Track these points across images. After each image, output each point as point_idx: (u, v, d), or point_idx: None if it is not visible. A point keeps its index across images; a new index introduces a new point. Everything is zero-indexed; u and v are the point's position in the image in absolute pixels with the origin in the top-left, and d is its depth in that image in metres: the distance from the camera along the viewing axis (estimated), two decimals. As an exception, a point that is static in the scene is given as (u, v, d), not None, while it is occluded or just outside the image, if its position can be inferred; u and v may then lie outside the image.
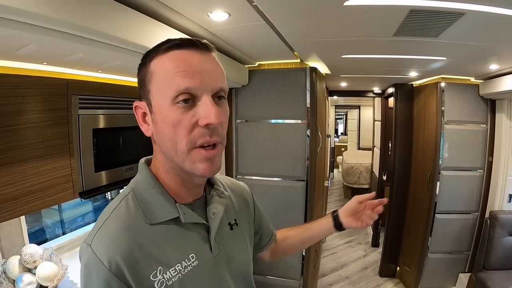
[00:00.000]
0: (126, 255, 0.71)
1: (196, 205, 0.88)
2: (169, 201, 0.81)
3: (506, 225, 3.00)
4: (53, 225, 2.57)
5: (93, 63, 1.59)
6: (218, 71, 0.78)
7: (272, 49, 2.22)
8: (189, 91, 0.72)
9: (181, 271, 0.78)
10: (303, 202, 2.68)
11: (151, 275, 0.73)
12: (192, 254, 0.81)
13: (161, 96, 0.74)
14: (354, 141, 11.54)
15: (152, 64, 0.76)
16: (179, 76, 0.72)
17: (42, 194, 1.52)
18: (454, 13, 1.38)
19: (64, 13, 0.98)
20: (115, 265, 0.70)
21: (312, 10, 1.44)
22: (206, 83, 0.73)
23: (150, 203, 0.80)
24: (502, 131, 3.11)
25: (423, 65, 2.71)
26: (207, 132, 0.74)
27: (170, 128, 0.73)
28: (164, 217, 0.80)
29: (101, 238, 0.74)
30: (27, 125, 1.44)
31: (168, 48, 0.75)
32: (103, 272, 0.69)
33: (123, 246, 0.72)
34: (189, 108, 0.73)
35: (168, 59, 0.74)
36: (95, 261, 0.70)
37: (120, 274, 0.70)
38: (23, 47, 1.18)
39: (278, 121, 2.69)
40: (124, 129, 1.99)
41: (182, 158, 0.75)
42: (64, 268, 1.95)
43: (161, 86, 0.74)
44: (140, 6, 1.29)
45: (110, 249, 0.71)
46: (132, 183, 0.86)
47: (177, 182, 0.84)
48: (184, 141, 0.73)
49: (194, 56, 0.74)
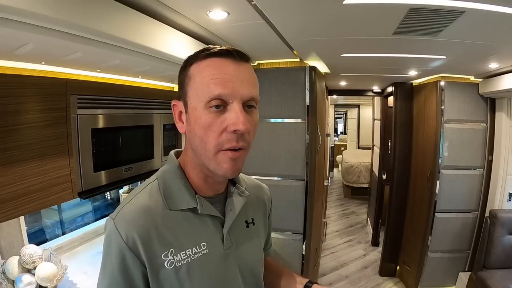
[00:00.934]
0: (142, 232, 0.80)
1: (215, 200, 0.94)
2: (190, 192, 0.88)
3: (506, 224, 2.99)
4: (53, 225, 2.57)
5: (91, 63, 1.59)
6: (251, 81, 0.82)
7: (272, 48, 2.22)
8: (221, 97, 0.77)
9: (191, 256, 0.85)
10: (303, 202, 2.67)
11: (163, 255, 0.81)
12: (203, 242, 0.88)
13: (196, 99, 0.80)
14: (354, 140, 11.53)
15: (191, 68, 0.82)
16: (213, 83, 0.77)
17: (41, 194, 1.53)
18: (454, 11, 1.37)
19: (61, 12, 0.98)
20: (132, 239, 0.79)
21: (311, 8, 1.43)
22: (237, 91, 0.78)
23: (173, 191, 0.88)
24: (502, 129, 3.10)
25: (422, 63, 2.70)
26: (234, 137, 0.79)
27: (201, 129, 0.79)
28: (183, 206, 0.87)
29: (124, 214, 0.83)
30: (26, 125, 1.44)
31: (207, 56, 0.80)
32: (120, 243, 0.79)
33: (141, 224, 0.81)
34: (220, 113, 0.78)
35: (205, 66, 0.79)
36: (115, 233, 0.80)
37: (134, 248, 0.79)
38: (21, 47, 1.18)
39: (277, 120, 2.68)
40: (123, 128, 1.99)
41: (208, 157, 0.81)
42: (63, 269, 1.95)
43: (197, 90, 0.79)
44: (139, 5, 1.29)
45: (129, 225, 0.80)
46: (159, 172, 0.94)
47: (200, 177, 0.90)
48: (213, 143, 0.79)
49: (230, 65, 0.79)
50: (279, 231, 2.75)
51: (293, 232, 2.73)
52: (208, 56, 0.80)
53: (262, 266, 1.07)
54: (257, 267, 1.04)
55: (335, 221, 6.43)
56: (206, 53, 0.80)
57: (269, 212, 1.19)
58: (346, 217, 6.67)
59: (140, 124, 2.15)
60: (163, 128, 2.41)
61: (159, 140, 2.35)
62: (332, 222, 6.30)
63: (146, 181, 0.93)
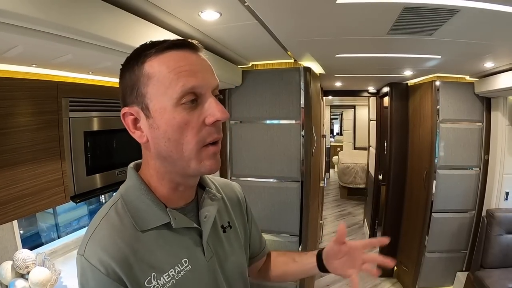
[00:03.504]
0: (120, 261, 0.71)
1: (187, 209, 0.87)
2: (159, 206, 0.80)
3: (503, 223, 2.99)
4: (48, 228, 2.55)
5: (82, 65, 1.57)
6: (212, 69, 0.78)
7: (265, 49, 2.21)
8: (195, 90, 0.71)
9: (175, 276, 0.77)
10: (299, 203, 2.66)
11: (146, 281, 0.73)
12: (185, 258, 0.81)
13: (162, 98, 0.72)
14: (350, 141, 11.53)
15: (146, 66, 0.73)
16: (183, 76, 0.71)
17: (33, 199, 1.51)
18: (449, 10, 1.37)
19: (50, 14, 0.96)
20: (112, 270, 0.70)
21: (304, 8, 1.42)
22: (207, 81, 0.74)
23: (141, 209, 0.79)
24: (498, 129, 3.11)
25: (418, 63, 2.70)
26: (213, 129, 0.75)
27: (176, 131, 0.72)
28: (155, 223, 0.79)
29: (93, 247, 0.73)
30: (17, 129, 1.43)
31: (164, 49, 0.73)
32: (101, 278, 0.69)
33: (116, 252, 0.71)
34: (194, 108, 0.73)
35: (167, 60, 0.72)
36: (91, 269, 0.70)
37: (118, 279, 0.70)
38: (10, 49, 1.16)
39: (272, 122, 2.67)
40: (116, 131, 1.97)
41: (189, 158, 0.74)
42: (57, 273, 1.93)
43: (162, 88, 0.71)
44: (129, 6, 1.27)
45: (104, 256, 0.70)
46: (121, 189, 0.85)
47: (170, 187, 0.83)
48: (194, 141, 0.73)
49: (191, 55, 0.75)
50: (275, 233, 2.74)
51: (289, 234, 2.72)
52: (165, 49, 0.73)
53: (245, 267, 1.02)
54: (240, 270, 0.99)
55: (331, 222, 6.42)
56: (161, 46, 0.73)
57: (246, 210, 1.13)
58: (342, 218, 6.67)
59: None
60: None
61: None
62: (329, 224, 6.29)
63: (107, 203, 0.82)
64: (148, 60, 0.73)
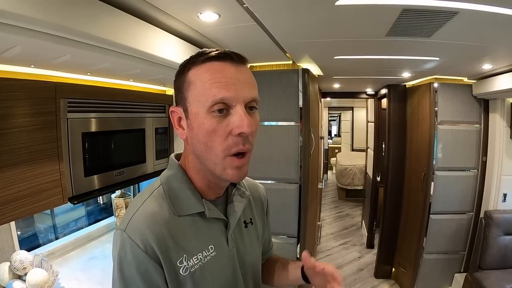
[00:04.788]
0: (159, 240, 0.79)
1: (217, 202, 0.95)
2: (196, 196, 0.89)
3: (501, 225, 3.00)
4: (46, 230, 2.54)
5: (81, 66, 1.56)
6: (251, 82, 0.83)
7: (264, 50, 2.21)
8: (224, 101, 0.77)
9: (202, 260, 0.86)
10: (297, 205, 2.66)
11: (178, 261, 0.82)
12: (211, 245, 0.89)
13: (197, 104, 0.79)
14: (348, 143, 11.56)
15: (190, 73, 0.81)
16: (216, 87, 0.76)
17: (30, 200, 1.50)
18: (448, 12, 1.37)
19: (49, 14, 0.96)
20: (150, 248, 0.77)
21: (303, 10, 1.42)
22: (240, 93, 0.78)
23: (180, 196, 0.88)
24: (496, 130, 3.12)
25: (416, 65, 2.70)
26: (240, 140, 0.79)
27: (205, 135, 0.79)
28: (190, 210, 0.87)
29: (135, 224, 0.80)
30: (14, 129, 1.41)
31: (205, 60, 0.80)
32: (139, 254, 0.77)
33: (156, 232, 0.79)
34: (224, 117, 0.78)
35: (206, 70, 0.79)
36: (131, 244, 0.77)
37: (155, 257, 0.78)
38: (9, 50, 1.16)
39: (270, 123, 2.66)
40: (114, 132, 1.97)
41: (214, 163, 0.81)
42: (54, 275, 1.92)
43: (198, 95, 0.79)
44: (128, 7, 1.27)
45: (145, 234, 0.78)
46: (163, 177, 0.92)
47: (203, 182, 0.90)
48: (220, 148, 0.79)
49: (230, 68, 0.79)
50: (273, 234, 2.71)
51: (287, 235, 2.71)
52: (207, 60, 0.79)
53: (260, 264, 1.11)
54: (256, 266, 1.07)
55: (329, 223, 6.42)
56: (205, 57, 0.80)
57: (266, 211, 1.22)
58: (340, 220, 6.66)
59: (132, 128, 2.13)
60: (155, 132, 2.38)
61: (151, 144, 2.33)
62: (327, 225, 6.29)
63: (149, 187, 0.92)
64: (192, 68, 0.81)
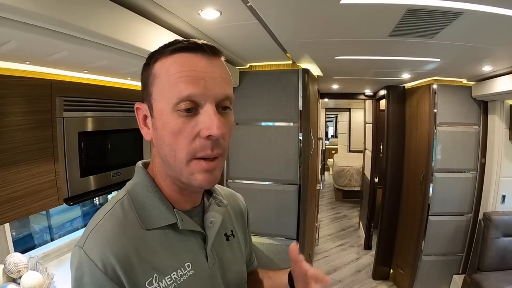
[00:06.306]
0: (122, 259, 0.67)
1: (194, 213, 0.85)
2: (167, 206, 0.78)
3: (500, 226, 3.00)
4: (41, 230, 2.50)
5: (78, 63, 1.53)
6: (225, 78, 0.74)
7: (264, 49, 2.19)
8: (192, 98, 0.68)
9: (177, 280, 0.74)
10: (296, 206, 2.64)
11: (147, 283, 0.70)
12: (188, 263, 0.78)
13: (162, 101, 0.70)
14: (345, 144, 11.57)
15: (156, 66, 0.72)
16: (183, 82, 0.67)
17: (25, 201, 1.48)
18: (453, 12, 1.35)
19: (46, 8, 0.93)
20: (110, 268, 0.66)
21: (308, 8, 1.40)
22: (210, 90, 0.69)
23: (147, 207, 0.77)
24: (495, 132, 3.12)
25: (416, 66, 2.69)
26: (208, 144, 0.70)
27: (169, 136, 0.70)
28: (161, 223, 0.76)
29: (95, 240, 0.69)
30: (8, 128, 1.39)
31: (174, 51, 0.70)
32: (98, 275, 0.65)
33: (118, 249, 0.68)
34: (191, 117, 0.69)
35: (172, 62, 0.70)
36: (88, 264, 0.66)
37: (115, 278, 0.66)
38: (3, 45, 1.13)
39: (269, 124, 2.65)
40: (111, 132, 1.94)
41: (180, 167, 0.72)
42: (50, 278, 1.89)
43: (163, 90, 0.70)
44: (127, 2, 1.24)
45: (105, 251, 0.67)
46: (128, 186, 0.83)
47: (173, 189, 0.80)
48: (184, 152, 0.70)
49: (200, 60, 0.70)
50: (272, 236, 2.71)
51: (286, 237, 2.69)
52: (175, 51, 0.70)
53: (245, 276, 1.00)
54: (241, 280, 0.96)
55: (327, 225, 6.41)
56: (173, 47, 0.70)
57: (247, 222, 1.11)
58: (338, 221, 6.66)
59: (129, 127, 2.08)
60: (153, 132, 2.32)
61: (148, 144, 2.27)
62: (324, 226, 6.28)
63: (113, 198, 0.81)
64: (158, 60, 0.72)
